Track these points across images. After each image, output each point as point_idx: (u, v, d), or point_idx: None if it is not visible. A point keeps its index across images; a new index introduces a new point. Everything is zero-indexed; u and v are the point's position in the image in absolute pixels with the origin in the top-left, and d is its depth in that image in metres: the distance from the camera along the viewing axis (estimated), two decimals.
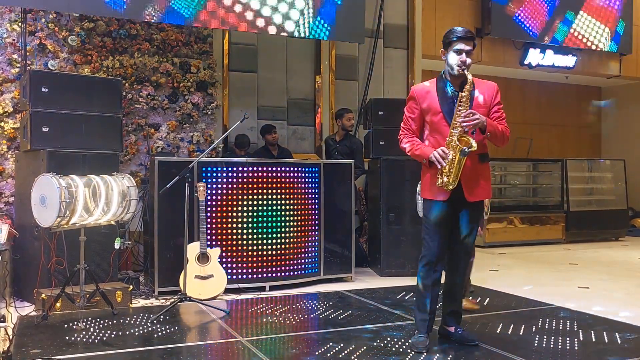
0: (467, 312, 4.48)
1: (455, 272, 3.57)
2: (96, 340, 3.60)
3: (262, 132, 6.61)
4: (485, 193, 3.49)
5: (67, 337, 3.65)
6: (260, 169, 5.23)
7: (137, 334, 3.78)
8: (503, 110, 3.49)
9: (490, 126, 3.32)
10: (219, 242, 5.09)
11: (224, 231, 5.11)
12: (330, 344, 3.54)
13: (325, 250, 5.61)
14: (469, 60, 3.35)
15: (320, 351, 3.41)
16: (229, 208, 5.13)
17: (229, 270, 5.08)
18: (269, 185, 5.25)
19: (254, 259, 5.20)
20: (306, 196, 5.50)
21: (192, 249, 4.77)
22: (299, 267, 5.44)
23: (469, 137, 3.27)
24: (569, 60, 9.95)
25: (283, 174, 5.33)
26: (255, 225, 5.19)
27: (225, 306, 4.61)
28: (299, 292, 5.20)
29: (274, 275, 5.28)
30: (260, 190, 5.21)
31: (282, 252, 5.31)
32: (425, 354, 3.34)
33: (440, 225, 3.41)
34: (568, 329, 3.93)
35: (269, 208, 5.25)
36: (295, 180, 5.41)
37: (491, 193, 3.62)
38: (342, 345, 3.51)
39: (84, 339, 3.62)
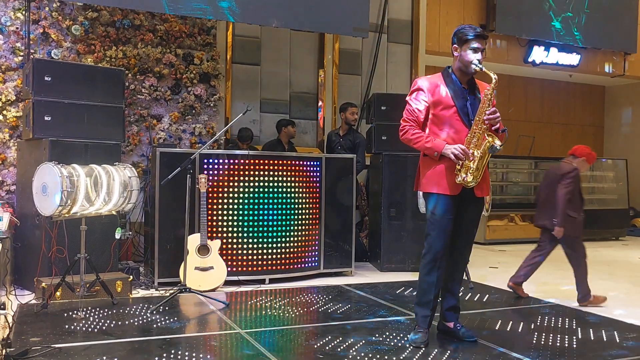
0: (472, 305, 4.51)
1: (455, 268, 3.57)
2: (95, 330, 3.61)
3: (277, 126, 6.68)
4: (488, 189, 3.51)
5: (66, 326, 3.66)
6: (261, 161, 5.23)
7: (136, 324, 3.79)
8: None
9: (502, 125, 3.36)
10: (219, 234, 5.09)
11: (225, 223, 5.12)
12: (329, 337, 3.55)
13: (325, 244, 5.62)
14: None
15: (318, 344, 3.42)
16: (230, 200, 5.13)
17: (229, 263, 5.09)
18: (271, 178, 5.25)
19: (254, 251, 5.20)
20: (307, 190, 5.49)
21: (193, 241, 4.78)
22: (299, 260, 5.44)
23: (494, 136, 3.28)
24: (573, 59, 9.88)
25: (284, 167, 5.33)
26: (256, 217, 5.20)
27: (225, 298, 4.62)
28: (298, 286, 5.21)
29: (274, 268, 5.28)
30: (261, 183, 5.22)
31: (283, 245, 5.31)
32: (423, 349, 3.34)
33: (447, 221, 3.37)
34: (567, 326, 3.94)
35: (270, 201, 5.25)
36: (297, 173, 5.41)
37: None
38: (340, 338, 3.52)
39: (84, 328, 3.63)
